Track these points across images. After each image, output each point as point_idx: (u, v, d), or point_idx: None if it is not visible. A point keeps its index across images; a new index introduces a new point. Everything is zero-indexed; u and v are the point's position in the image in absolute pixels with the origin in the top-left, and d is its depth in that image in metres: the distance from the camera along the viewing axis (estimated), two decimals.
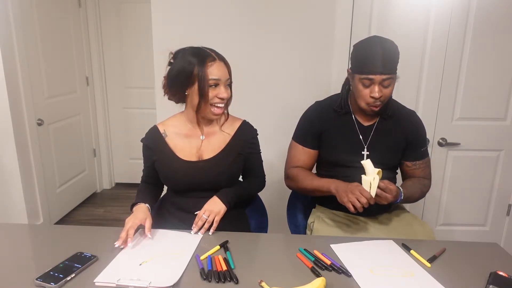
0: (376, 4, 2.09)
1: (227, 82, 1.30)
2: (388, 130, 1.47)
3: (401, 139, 1.48)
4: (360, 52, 1.33)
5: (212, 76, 1.25)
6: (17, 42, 2.44)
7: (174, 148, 1.37)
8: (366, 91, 1.33)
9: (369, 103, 1.35)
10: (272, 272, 1.05)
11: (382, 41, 1.31)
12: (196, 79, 1.25)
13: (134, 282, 0.96)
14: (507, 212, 2.38)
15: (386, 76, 1.29)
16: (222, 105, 1.30)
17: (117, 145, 3.76)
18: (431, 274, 1.04)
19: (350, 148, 1.47)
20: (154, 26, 2.17)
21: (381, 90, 1.31)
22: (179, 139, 1.38)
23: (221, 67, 1.27)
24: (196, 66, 1.24)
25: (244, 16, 2.14)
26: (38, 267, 1.05)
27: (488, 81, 2.15)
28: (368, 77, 1.30)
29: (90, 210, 3.29)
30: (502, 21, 2.06)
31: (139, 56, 3.50)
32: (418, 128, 1.51)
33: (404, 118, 1.49)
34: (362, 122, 1.48)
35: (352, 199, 1.24)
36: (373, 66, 1.28)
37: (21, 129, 2.52)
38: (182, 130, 1.39)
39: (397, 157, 1.51)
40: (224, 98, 1.28)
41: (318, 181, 1.44)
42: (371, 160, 1.31)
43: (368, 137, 1.47)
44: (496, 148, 2.26)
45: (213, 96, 1.27)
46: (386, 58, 1.28)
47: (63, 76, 3.04)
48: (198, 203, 1.35)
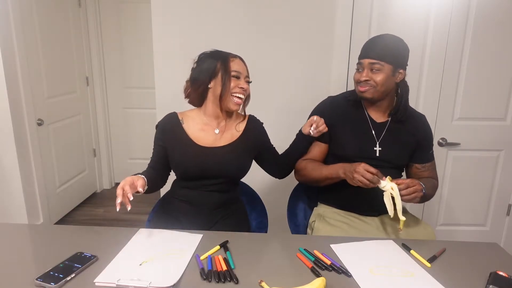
0: (376, 4, 2.09)
1: (246, 79, 1.40)
2: (400, 129, 1.49)
3: (412, 140, 1.50)
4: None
5: (234, 68, 1.36)
6: (17, 42, 2.44)
7: (190, 134, 1.42)
8: (358, 75, 1.43)
9: (357, 82, 1.44)
10: (272, 272, 1.05)
11: (387, 35, 1.41)
12: (220, 71, 1.36)
13: (134, 282, 0.96)
14: (507, 212, 2.38)
15: (373, 61, 1.37)
16: (242, 96, 1.38)
17: (117, 145, 3.76)
18: (431, 274, 1.05)
19: (363, 143, 1.47)
20: (154, 26, 2.17)
21: (368, 74, 1.39)
22: (195, 128, 1.44)
23: (242, 64, 1.40)
24: (219, 60, 1.37)
25: (244, 16, 2.14)
26: (38, 267, 1.05)
27: (488, 81, 2.15)
28: (359, 61, 1.42)
29: (90, 210, 3.28)
30: (502, 21, 2.06)
31: (139, 56, 3.51)
32: (428, 131, 1.55)
33: (415, 120, 1.52)
34: (375, 118, 1.50)
35: (358, 179, 1.27)
36: (365, 51, 1.41)
37: (21, 129, 2.52)
38: (199, 123, 1.45)
39: (406, 157, 1.52)
40: (244, 88, 1.37)
41: (327, 169, 1.45)
42: (381, 154, 1.37)
43: (381, 134, 1.48)
44: (496, 148, 2.26)
45: (235, 86, 1.36)
46: (379, 46, 1.38)
47: (63, 76, 3.04)
48: (203, 194, 1.40)
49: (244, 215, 1.57)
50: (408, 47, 1.42)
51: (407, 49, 1.42)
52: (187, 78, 1.45)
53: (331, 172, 1.42)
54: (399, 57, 1.38)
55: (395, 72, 1.39)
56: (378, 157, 1.46)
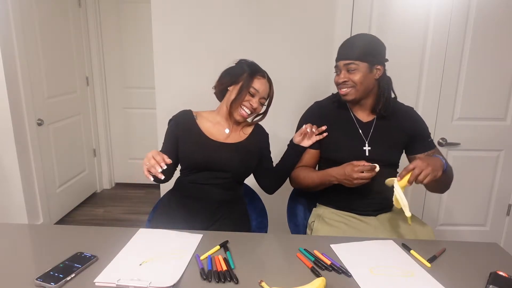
0: (376, 4, 2.09)
1: (261, 101, 1.46)
2: (388, 127, 1.49)
3: (402, 136, 1.49)
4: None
5: (254, 86, 1.43)
6: (17, 42, 2.44)
7: (202, 128, 1.49)
8: (336, 78, 1.45)
9: (336, 85, 1.45)
10: (272, 272, 1.05)
11: (359, 34, 1.43)
12: (242, 81, 1.43)
13: (134, 282, 0.96)
14: (507, 212, 2.38)
15: (347, 61, 1.38)
16: (248, 111, 1.44)
17: (117, 145, 3.76)
18: (431, 274, 1.04)
19: (352, 144, 1.48)
20: (154, 26, 2.17)
21: (345, 75, 1.40)
22: (207, 125, 1.51)
23: (265, 85, 1.45)
24: (247, 73, 1.44)
25: (244, 16, 2.14)
26: (38, 267, 1.05)
27: (488, 81, 2.15)
28: (336, 64, 1.44)
29: (90, 210, 3.28)
30: (502, 21, 2.06)
31: (139, 56, 3.50)
32: (418, 122, 1.53)
33: (402, 116, 1.51)
34: (361, 118, 1.50)
35: (359, 182, 1.30)
36: (339, 54, 1.43)
37: (21, 129, 2.52)
38: (211, 121, 1.52)
39: (398, 154, 1.52)
40: (253, 107, 1.44)
41: (318, 175, 1.47)
42: (371, 154, 1.39)
43: (368, 133, 1.48)
44: (496, 148, 2.26)
45: (247, 100, 1.43)
46: (351, 46, 1.39)
47: (63, 76, 3.04)
48: (207, 189, 1.43)
49: (245, 215, 1.57)
50: (383, 43, 1.42)
51: (382, 45, 1.42)
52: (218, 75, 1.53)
53: (323, 179, 1.44)
54: (373, 54, 1.38)
55: (372, 69, 1.40)
56: (368, 156, 1.46)
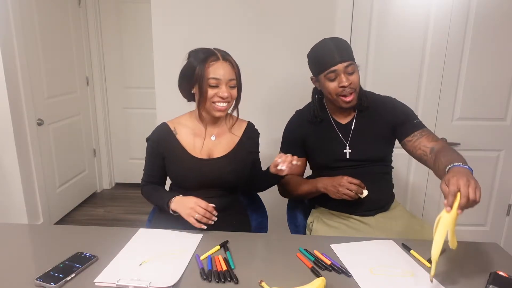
0: (376, 4, 2.09)
1: (230, 83, 1.29)
2: (367, 122, 1.46)
3: (384, 127, 1.45)
4: (315, 54, 1.40)
5: (212, 75, 1.26)
6: (17, 42, 2.44)
7: (185, 145, 1.37)
8: (334, 84, 1.36)
9: (339, 92, 1.36)
10: (272, 272, 1.05)
11: (331, 38, 1.39)
12: (197, 79, 1.27)
13: (134, 282, 0.96)
14: (507, 212, 2.38)
15: (347, 63, 1.33)
16: (224, 104, 1.29)
17: (117, 145, 3.76)
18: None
19: (333, 148, 1.47)
20: (154, 26, 2.17)
21: (348, 78, 1.34)
22: (189, 137, 1.39)
23: (224, 67, 1.27)
24: (198, 65, 1.27)
25: (244, 16, 2.14)
26: (38, 267, 1.05)
27: (488, 81, 2.15)
28: (331, 70, 1.34)
29: (90, 210, 3.28)
30: (502, 21, 2.06)
31: (139, 56, 3.50)
32: (398, 107, 1.46)
33: (379, 107, 1.47)
34: (339, 120, 1.49)
35: (343, 192, 1.29)
36: (331, 58, 1.33)
37: (21, 129, 2.52)
38: (192, 129, 1.40)
39: (384, 148, 1.49)
40: (224, 97, 1.27)
41: (306, 185, 1.47)
42: (352, 155, 1.41)
43: (348, 135, 1.47)
44: (496, 148, 2.26)
45: (213, 95, 1.28)
46: (340, 48, 1.34)
47: (63, 76, 3.04)
48: (205, 201, 1.37)
49: (245, 215, 1.57)
50: None
51: None
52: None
53: (311, 189, 1.45)
54: (352, 52, 1.38)
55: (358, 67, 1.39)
56: (349, 158, 1.45)
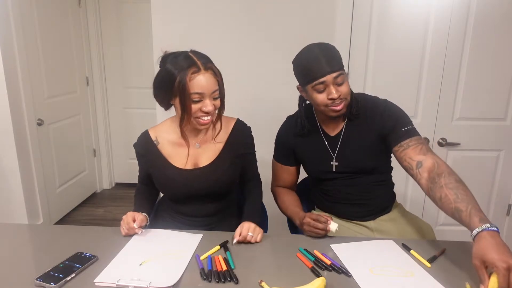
0: (376, 4, 2.09)
1: (214, 95, 1.18)
2: (356, 132, 1.38)
3: (372, 137, 1.36)
4: (301, 62, 1.28)
5: (194, 90, 1.14)
6: (17, 42, 2.44)
7: (167, 156, 1.31)
8: (323, 96, 1.26)
9: (328, 104, 1.26)
10: (272, 272, 1.05)
11: (318, 45, 1.27)
12: (178, 93, 1.15)
13: (134, 282, 0.96)
14: (507, 212, 2.38)
15: (336, 74, 1.22)
16: (208, 117, 1.20)
17: (117, 145, 3.76)
18: (431, 274, 1.04)
19: (320, 160, 1.43)
20: (154, 26, 2.17)
21: (337, 89, 1.24)
22: (172, 147, 1.32)
23: (207, 78, 1.15)
24: (178, 75, 1.13)
25: (244, 16, 2.14)
26: (38, 267, 1.05)
27: (488, 81, 2.15)
28: (319, 81, 1.23)
29: (90, 210, 3.29)
30: (502, 21, 2.06)
31: (139, 56, 3.50)
32: (387, 114, 1.34)
33: (369, 115, 1.36)
34: (328, 132, 1.42)
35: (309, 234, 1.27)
36: (320, 68, 1.22)
37: (21, 129, 2.52)
38: (175, 138, 1.32)
39: (376, 158, 1.39)
40: (209, 112, 1.18)
41: (290, 210, 1.46)
42: (338, 168, 1.38)
43: (336, 147, 1.41)
44: (496, 148, 2.26)
45: (197, 109, 1.18)
46: (328, 57, 1.23)
47: (63, 76, 3.04)
48: (197, 209, 1.36)
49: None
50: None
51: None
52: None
53: (292, 216, 1.44)
54: (341, 59, 1.28)
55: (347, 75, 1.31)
56: (335, 171, 1.41)
